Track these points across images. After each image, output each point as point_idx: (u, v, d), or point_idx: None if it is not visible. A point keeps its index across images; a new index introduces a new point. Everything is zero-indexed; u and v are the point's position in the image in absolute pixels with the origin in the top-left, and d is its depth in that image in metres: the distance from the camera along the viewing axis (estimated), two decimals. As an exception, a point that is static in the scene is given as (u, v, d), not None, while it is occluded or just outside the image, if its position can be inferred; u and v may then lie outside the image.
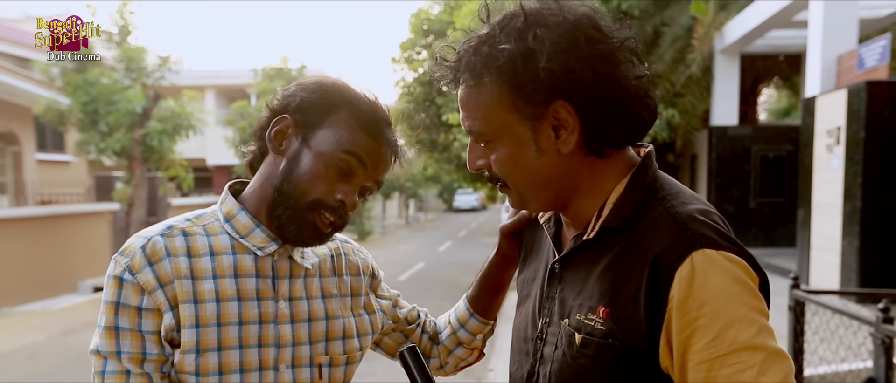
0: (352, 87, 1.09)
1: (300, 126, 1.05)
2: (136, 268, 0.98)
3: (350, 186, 1.04)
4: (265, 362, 1.03)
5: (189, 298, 0.99)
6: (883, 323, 3.05)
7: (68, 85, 11.38)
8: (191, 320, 0.98)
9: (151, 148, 11.94)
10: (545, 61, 0.85)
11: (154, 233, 1.02)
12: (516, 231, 1.20)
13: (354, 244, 1.26)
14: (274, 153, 1.07)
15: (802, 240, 8.29)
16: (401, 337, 1.32)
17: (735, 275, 0.80)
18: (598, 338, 0.88)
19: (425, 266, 13.86)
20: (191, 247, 1.02)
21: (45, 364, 6.72)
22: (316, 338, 1.09)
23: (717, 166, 11.80)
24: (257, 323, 1.03)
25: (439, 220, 34.75)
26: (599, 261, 0.91)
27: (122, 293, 0.97)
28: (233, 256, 1.04)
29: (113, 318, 0.97)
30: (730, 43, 10.88)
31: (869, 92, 6.85)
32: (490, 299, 1.30)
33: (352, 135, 1.03)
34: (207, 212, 1.10)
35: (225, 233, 1.06)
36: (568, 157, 0.91)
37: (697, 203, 0.89)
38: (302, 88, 1.08)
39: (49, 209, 12.50)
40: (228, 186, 1.12)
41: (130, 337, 0.97)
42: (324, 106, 1.05)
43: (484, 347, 1.37)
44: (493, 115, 0.90)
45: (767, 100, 20.74)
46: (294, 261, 1.09)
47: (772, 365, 0.76)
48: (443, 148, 14.28)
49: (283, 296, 1.06)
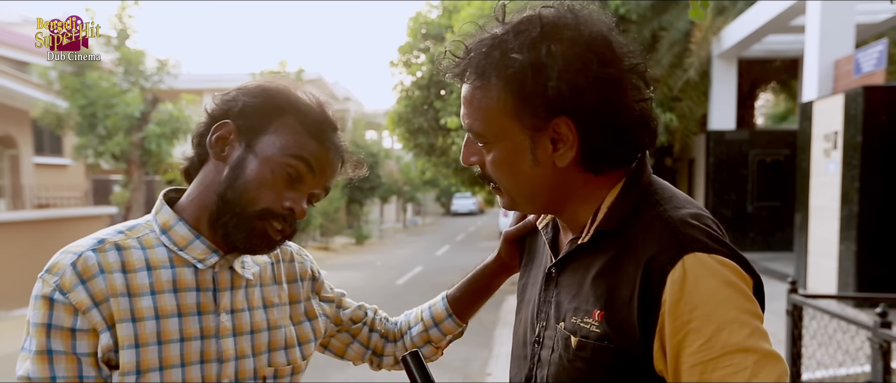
0: (299, 91, 1.05)
1: (243, 131, 1.01)
2: (66, 286, 0.91)
3: (298, 193, 1.01)
4: (208, 378, 0.99)
5: (127, 317, 0.94)
6: (880, 328, 3.05)
7: (66, 88, 11.38)
8: (130, 340, 0.93)
9: (149, 151, 11.94)
10: (555, 79, 0.85)
11: (84, 248, 0.95)
12: (519, 238, 1.19)
13: (293, 247, 1.22)
14: (215, 159, 1.02)
15: (800, 245, 8.30)
16: (348, 338, 1.29)
17: (726, 278, 0.80)
18: (593, 341, 0.88)
19: (423, 270, 13.85)
20: (126, 261, 0.97)
21: (41, 368, 6.69)
22: (259, 350, 1.06)
23: (714, 170, 11.81)
24: (199, 339, 0.99)
25: (437, 224, 34.75)
26: (594, 265, 0.92)
27: (53, 314, 0.91)
28: (171, 270, 0.99)
29: (45, 342, 0.91)
30: (727, 47, 10.91)
31: (866, 96, 6.87)
32: (472, 302, 1.29)
33: (299, 140, 1.00)
34: (141, 223, 1.04)
35: (162, 245, 1.01)
36: (562, 170, 0.91)
37: (690, 207, 0.89)
38: (244, 93, 1.04)
39: (47, 213, 12.48)
40: (163, 195, 1.07)
41: (65, 360, 0.91)
42: (268, 110, 1.01)
43: (445, 348, 1.34)
44: (495, 119, 0.90)
45: (765, 104, 20.79)
46: (235, 271, 1.05)
47: (765, 367, 0.76)
48: (441, 152, 14.27)
49: (225, 309, 1.02)
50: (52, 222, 12.01)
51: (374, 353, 1.31)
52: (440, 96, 13.52)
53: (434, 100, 13.45)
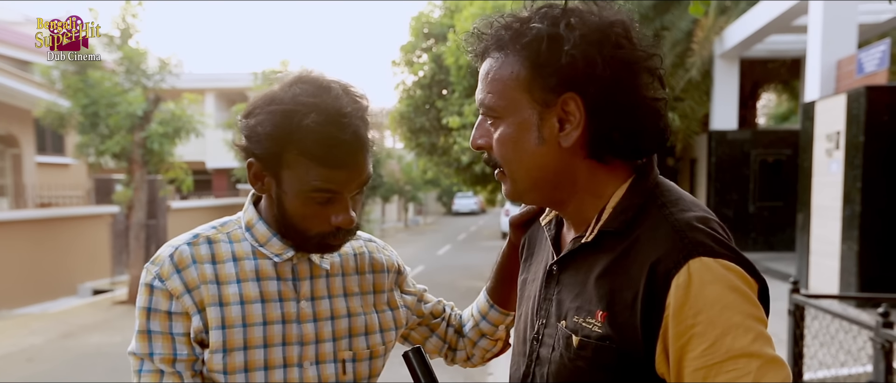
0: (298, 111, 1.00)
1: (267, 168, 1.05)
2: (165, 275, 1.05)
3: (338, 207, 1.05)
4: (289, 359, 1.08)
5: (215, 301, 1.05)
6: (883, 328, 3.05)
7: (68, 87, 11.37)
8: (217, 322, 1.05)
9: (151, 151, 11.93)
10: (571, 48, 0.86)
11: (181, 242, 1.09)
12: (525, 222, 1.21)
13: (379, 242, 1.29)
14: (261, 194, 1.11)
15: (802, 245, 8.29)
16: (427, 331, 1.36)
17: (731, 283, 0.80)
18: (595, 341, 0.88)
19: (425, 269, 13.85)
20: (215, 253, 1.09)
21: (44, 366, 6.71)
22: (339, 335, 1.13)
23: (716, 170, 11.80)
24: (281, 323, 1.08)
25: (438, 224, 34.74)
26: (597, 265, 0.91)
27: (152, 299, 1.05)
28: (254, 261, 1.10)
29: (145, 323, 1.05)
30: (729, 47, 10.90)
31: (868, 97, 6.86)
32: (507, 289, 1.31)
33: (310, 173, 1.01)
34: (232, 220, 1.16)
35: (246, 240, 1.12)
36: (567, 153, 0.91)
37: (697, 210, 0.89)
38: (250, 127, 1.03)
39: (48, 211, 12.49)
40: (251, 196, 1.16)
41: (162, 339, 1.04)
42: (274, 150, 1.02)
43: (509, 338, 1.38)
44: (507, 92, 0.91)
45: (767, 104, 20.76)
46: (313, 262, 1.13)
47: (768, 373, 0.76)
48: (442, 151, 14.28)
49: (305, 297, 1.11)
50: (54, 221, 12.02)
51: (449, 348, 1.38)
52: (442, 96, 13.52)
53: (436, 100, 13.45)
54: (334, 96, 1.03)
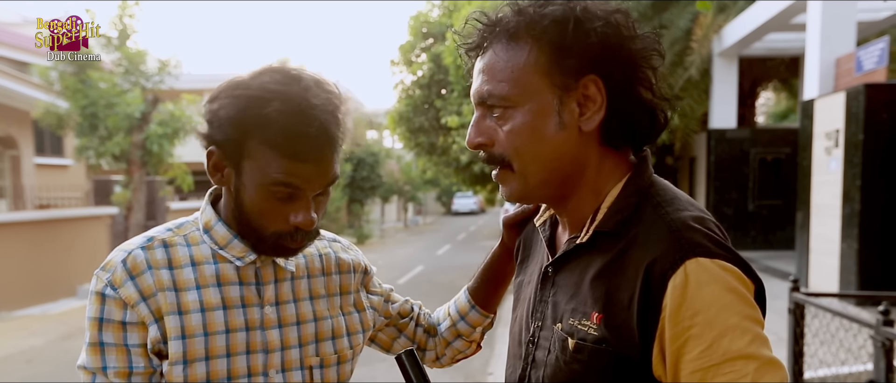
0: (262, 99, 0.95)
1: (228, 157, 0.99)
2: (117, 282, 0.97)
3: (299, 206, 0.99)
4: (254, 368, 1.02)
5: (173, 310, 0.98)
6: (883, 326, 3.04)
7: (67, 88, 11.37)
8: (176, 331, 0.98)
9: (150, 152, 11.93)
10: (593, 30, 0.86)
11: (134, 246, 1.01)
12: (519, 223, 1.19)
13: (344, 242, 1.24)
14: (218, 185, 1.04)
15: (801, 243, 8.29)
16: (395, 332, 1.31)
17: (729, 284, 0.79)
18: (591, 344, 0.87)
19: (424, 269, 13.84)
20: (172, 258, 1.02)
21: (43, 368, 6.70)
22: (305, 341, 1.08)
23: (715, 169, 11.80)
24: (244, 330, 1.02)
25: (438, 224, 34.74)
26: (592, 266, 0.90)
27: (104, 308, 0.97)
28: (214, 265, 1.03)
29: (97, 334, 0.97)
30: (728, 46, 10.89)
31: (867, 94, 6.86)
32: (491, 291, 1.30)
33: (272, 165, 0.95)
34: (189, 221, 1.08)
35: (205, 242, 1.05)
36: (585, 139, 0.90)
37: (693, 210, 0.88)
38: (213, 112, 0.98)
39: (47, 213, 12.47)
40: (208, 195, 1.10)
41: (116, 351, 0.97)
42: (235, 138, 0.96)
43: (482, 340, 1.36)
44: (523, 78, 0.88)
45: (766, 103, 20.77)
46: (278, 265, 1.07)
47: (765, 375, 0.76)
48: (442, 151, 14.29)
49: (269, 301, 1.05)
50: (52, 223, 12.01)
51: (418, 348, 1.34)
52: (441, 95, 13.52)
53: (435, 99, 13.46)
54: (303, 87, 0.96)
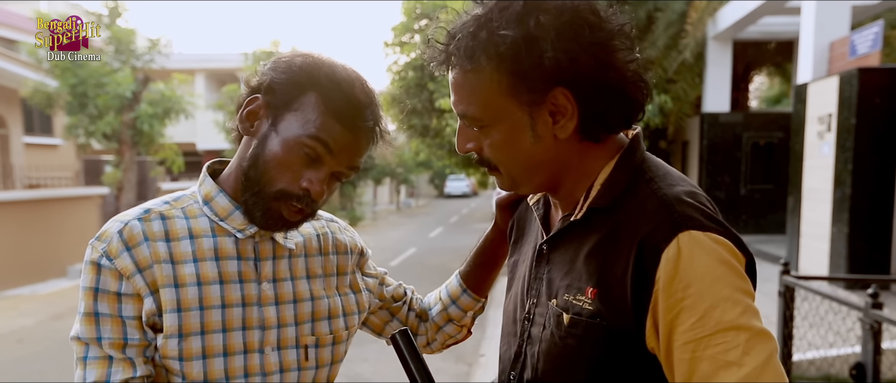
0: (330, 66, 1.01)
1: (270, 107, 1.00)
2: (113, 253, 0.96)
3: (317, 173, 0.99)
4: (250, 345, 1.02)
5: (169, 283, 0.97)
6: (872, 309, 3.07)
7: (56, 67, 11.26)
8: (172, 304, 0.97)
9: (141, 132, 11.85)
10: (550, 50, 0.83)
11: (131, 217, 1.00)
12: (511, 204, 1.19)
13: (341, 222, 1.24)
14: (245, 134, 1.04)
15: (792, 227, 8.34)
16: (387, 315, 1.31)
17: (721, 257, 0.80)
18: (585, 318, 0.88)
19: (416, 252, 13.87)
20: (169, 230, 1.01)
21: (34, 348, 6.70)
22: (301, 320, 1.07)
23: (708, 153, 11.82)
24: (241, 306, 1.01)
25: (430, 206, 34.76)
26: (587, 242, 0.91)
27: (100, 278, 0.96)
28: (213, 239, 1.02)
29: (92, 304, 0.96)
30: (722, 29, 10.87)
31: (860, 79, 6.86)
32: (483, 275, 1.30)
33: (319, 120, 0.97)
34: (187, 194, 1.08)
35: (204, 215, 1.04)
36: (563, 142, 0.91)
37: (684, 185, 0.89)
38: (274, 67, 1.02)
39: (37, 193, 12.39)
40: (207, 167, 1.10)
41: (111, 322, 0.96)
42: (292, 88, 0.99)
43: (472, 325, 1.36)
44: (490, 101, 0.89)
45: (759, 87, 20.78)
46: (277, 242, 1.07)
47: (756, 345, 0.77)
48: (435, 133, 14.23)
49: (267, 278, 1.05)
50: (42, 203, 11.94)
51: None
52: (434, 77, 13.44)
53: (428, 82, 13.38)
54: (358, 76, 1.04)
